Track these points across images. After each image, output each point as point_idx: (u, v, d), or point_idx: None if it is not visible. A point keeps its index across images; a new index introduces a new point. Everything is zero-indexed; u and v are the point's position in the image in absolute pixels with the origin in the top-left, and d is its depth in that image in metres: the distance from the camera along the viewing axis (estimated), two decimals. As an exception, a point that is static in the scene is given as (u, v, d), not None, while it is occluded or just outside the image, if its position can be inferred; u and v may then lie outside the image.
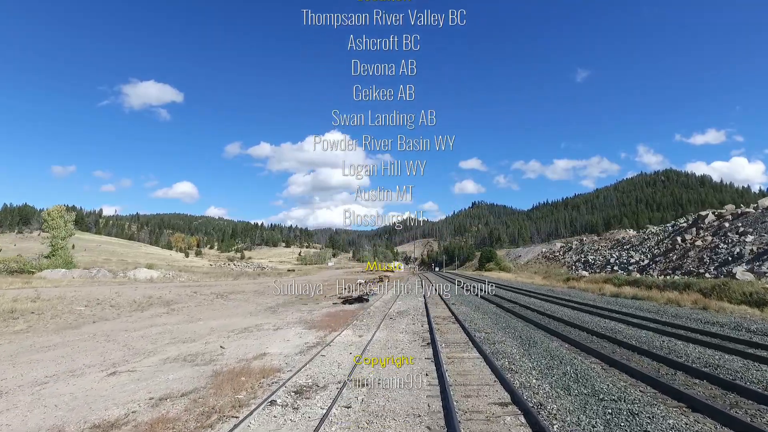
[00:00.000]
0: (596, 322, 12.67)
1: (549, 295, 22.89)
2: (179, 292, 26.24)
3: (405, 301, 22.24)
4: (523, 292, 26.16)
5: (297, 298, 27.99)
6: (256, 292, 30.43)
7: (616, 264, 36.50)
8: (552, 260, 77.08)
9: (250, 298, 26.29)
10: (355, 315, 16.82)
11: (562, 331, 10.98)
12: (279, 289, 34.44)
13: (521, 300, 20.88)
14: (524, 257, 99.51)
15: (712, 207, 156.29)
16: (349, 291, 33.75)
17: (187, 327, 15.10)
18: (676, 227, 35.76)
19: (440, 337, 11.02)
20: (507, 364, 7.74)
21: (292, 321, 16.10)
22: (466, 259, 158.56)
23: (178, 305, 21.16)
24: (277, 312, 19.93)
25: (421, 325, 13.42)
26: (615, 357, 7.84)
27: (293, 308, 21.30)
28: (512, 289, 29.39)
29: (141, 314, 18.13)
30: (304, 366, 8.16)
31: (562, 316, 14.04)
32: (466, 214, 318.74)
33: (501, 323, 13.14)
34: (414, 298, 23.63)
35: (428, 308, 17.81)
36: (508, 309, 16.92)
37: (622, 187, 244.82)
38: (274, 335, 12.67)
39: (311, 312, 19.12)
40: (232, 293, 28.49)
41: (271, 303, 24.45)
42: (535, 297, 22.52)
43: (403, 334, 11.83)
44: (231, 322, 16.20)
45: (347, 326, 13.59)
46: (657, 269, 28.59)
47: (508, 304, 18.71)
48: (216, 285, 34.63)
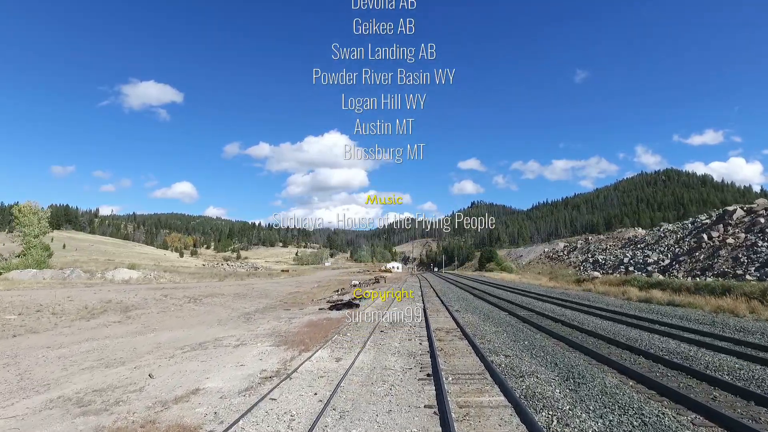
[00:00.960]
0: (648, 340, 9.79)
1: (566, 300, 20.04)
2: (148, 295, 23.33)
3: (401, 306, 19.37)
4: (533, 296, 23.32)
5: (281, 302, 25.11)
6: (236, 295, 27.53)
7: (631, 264, 33.73)
8: (556, 260, 74.31)
9: (227, 302, 23.39)
10: (340, 325, 13.94)
11: (610, 355, 8.11)
12: (264, 292, 31.53)
13: (535, 305, 18.02)
14: (526, 257, 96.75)
15: (714, 206, 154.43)
16: (340, 293, 30.89)
17: (128, 342, 12.20)
18: (698, 224, 32.94)
19: (445, 362, 8.15)
20: (557, 425, 4.84)
21: (262, 333, 13.22)
22: (465, 259, 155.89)
23: (138, 311, 18.24)
24: (251, 320, 17.04)
25: (419, 341, 10.55)
26: (735, 416, 4.93)
27: (272, 315, 18.42)
28: (520, 292, 26.54)
29: (85, 324, 15.22)
30: (236, 422, 5.26)
31: (596, 329, 11.19)
32: (465, 213, 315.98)
33: (521, 339, 10.27)
34: (411, 303, 20.76)
35: (428, 316, 14.94)
36: (524, 318, 14.05)
37: (622, 187, 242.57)
38: (229, 356, 9.79)
39: (291, 320, 16.24)
40: (210, 296, 25.60)
41: (250, 308, 21.57)
42: (550, 302, 19.66)
43: (396, 356, 8.95)
44: (188, 335, 13.31)
45: (326, 342, 10.71)
46: (681, 270, 25.81)
47: (523, 312, 15.86)
48: (196, 287, 31.72)
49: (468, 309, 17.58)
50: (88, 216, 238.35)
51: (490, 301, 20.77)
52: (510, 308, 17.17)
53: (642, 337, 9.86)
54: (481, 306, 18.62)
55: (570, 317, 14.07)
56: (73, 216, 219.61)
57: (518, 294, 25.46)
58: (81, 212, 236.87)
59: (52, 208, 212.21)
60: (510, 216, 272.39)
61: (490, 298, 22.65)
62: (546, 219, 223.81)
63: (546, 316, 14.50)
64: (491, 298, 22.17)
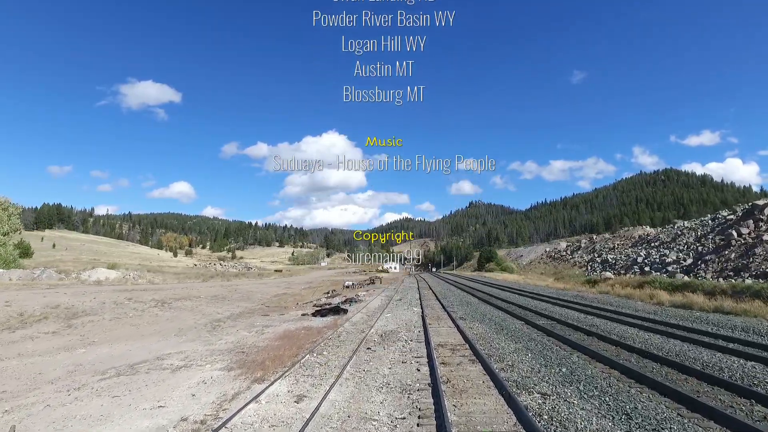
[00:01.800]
0: (742, 369, 7.13)
1: (585, 304, 17.39)
2: (110, 298, 20.57)
3: (396, 312, 16.68)
4: (545, 299, 20.67)
5: (261, 306, 22.40)
6: (214, 298, 24.79)
7: (646, 264, 31.18)
8: (558, 260, 71.77)
9: (200, 306, 20.66)
10: (319, 338, 11.27)
11: (707, 400, 5.43)
12: (247, 294, 28.80)
13: (553, 311, 15.38)
14: (526, 257, 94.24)
15: (714, 206, 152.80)
16: (330, 296, 28.21)
17: (42, 362, 9.49)
18: (720, 221, 30.42)
19: (456, 407, 5.47)
20: None
21: (221, 349, 10.54)
22: (464, 259, 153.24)
23: (86, 319, 15.50)
24: (217, 329, 14.33)
25: (416, 365, 7.87)
26: None
27: (245, 322, 15.71)
28: (529, 295, 23.90)
29: (7, 336, 12.48)
30: None
31: (649, 347, 8.57)
32: (464, 213, 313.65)
33: (554, 363, 7.61)
34: (408, 308, 18.08)
35: (427, 326, 12.26)
36: (545, 329, 11.40)
37: (621, 187, 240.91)
38: (157, 387, 7.11)
39: (263, 330, 13.55)
40: (183, 299, 22.84)
41: (223, 313, 18.86)
42: (568, 306, 17.01)
43: (383, 393, 6.26)
44: (126, 351, 10.60)
45: (292, 367, 8.01)
46: (709, 270, 23.24)
47: (541, 320, 13.20)
48: (172, 288, 28.96)
49: (474, 316, 14.90)
50: (83, 215, 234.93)
51: (498, 305, 18.10)
52: (524, 315, 14.51)
53: (732, 366, 7.16)
54: (489, 312, 15.95)
55: (604, 328, 11.41)
56: (66, 215, 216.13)
57: (527, 297, 22.81)
58: (76, 212, 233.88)
59: (45, 207, 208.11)
60: (508, 216, 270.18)
61: (497, 301, 19.99)
62: (545, 219, 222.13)
63: (572, 326, 11.84)
64: (498, 302, 19.50)
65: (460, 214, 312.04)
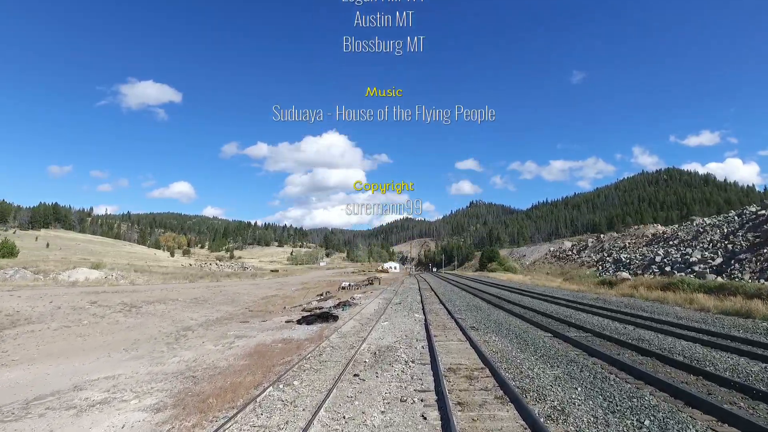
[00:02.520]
0: None
1: (615, 310, 14.94)
2: (68, 302, 18.12)
3: (395, 319, 14.23)
4: (564, 303, 18.20)
5: (245, 310, 19.99)
6: (195, 301, 22.37)
7: (667, 264, 28.71)
8: (564, 260, 69.29)
9: (173, 311, 18.23)
10: (295, 356, 8.83)
11: None
12: (233, 296, 26.38)
13: (582, 320, 12.93)
14: (529, 257, 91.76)
15: (718, 206, 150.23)
16: (323, 298, 25.79)
17: None
18: (748, 216, 27.96)
19: None
20: None
21: (167, 372, 8.12)
22: (465, 259, 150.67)
23: (26, 328, 13.07)
24: (179, 341, 11.92)
25: (420, 407, 5.41)
26: None
27: (216, 332, 13.29)
28: (543, 297, 21.45)
29: None
30: None
31: (761, 385, 6.10)
32: (464, 213, 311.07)
33: (626, 409, 5.19)
34: (408, 314, 15.63)
35: (432, 339, 9.81)
36: (587, 347, 8.99)
37: (623, 186, 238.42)
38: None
39: (233, 343, 11.13)
40: (157, 302, 20.42)
41: (197, 320, 16.44)
42: (597, 313, 14.55)
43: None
44: (39, 376, 8.17)
45: (244, 408, 5.56)
46: (746, 270, 20.80)
47: (573, 332, 10.76)
48: (151, 290, 26.52)
49: (488, 325, 12.45)
50: (80, 215, 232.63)
51: (513, 311, 15.65)
52: (547, 324, 12.08)
53: None
54: (505, 320, 13.50)
55: (659, 344, 8.97)
56: (62, 215, 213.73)
57: (543, 300, 20.35)
58: (75, 211, 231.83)
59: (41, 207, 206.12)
60: (509, 216, 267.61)
61: (510, 306, 17.54)
62: (546, 219, 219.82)
63: (615, 341, 9.40)
64: (512, 307, 17.06)
65: (461, 214, 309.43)
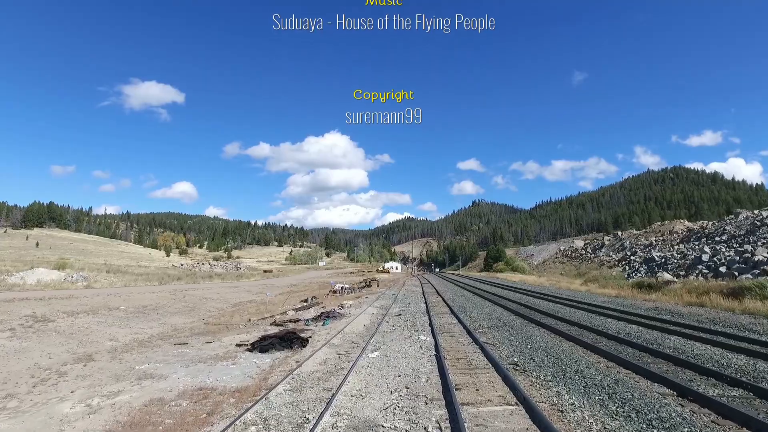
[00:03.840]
0: None
1: (723, 332, 10.28)
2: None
3: (390, 346, 9.59)
4: (620, 317, 13.54)
5: (198, 324, 15.42)
6: (142, 309, 17.79)
7: (720, 263, 24.07)
8: (577, 259, 64.56)
9: (96, 327, 13.66)
10: None
11: None
12: (198, 302, 21.80)
13: (699, 354, 8.31)
14: (538, 256, 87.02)
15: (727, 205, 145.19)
16: (307, 305, 21.20)
17: None
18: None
19: None
20: None
21: None
22: (468, 259, 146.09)
23: None
24: (39, 387, 7.34)
25: None
26: None
27: (118, 367, 8.71)
28: (583, 307, 16.81)
29: None
30: None
31: None
32: (467, 212, 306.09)
33: None
34: (410, 334, 11.00)
35: (458, 410, 5.15)
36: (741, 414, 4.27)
37: (628, 185, 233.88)
38: None
39: (117, 395, 6.53)
40: (88, 313, 15.86)
41: (118, 341, 11.88)
42: (700, 338, 9.90)
43: None
44: None
45: None
46: None
47: (712, 389, 6.08)
48: (98, 295, 21.98)
49: (538, 358, 7.84)
50: (78, 214, 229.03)
51: (559, 329, 11.01)
52: (640, 360, 7.46)
53: None
54: (555, 345, 8.88)
55: None
56: (57, 214, 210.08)
57: (586, 311, 15.70)
58: (73, 210, 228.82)
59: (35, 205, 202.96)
60: (512, 215, 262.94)
61: (551, 321, 12.94)
62: (550, 218, 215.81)
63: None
64: (554, 323, 12.44)
65: (463, 213, 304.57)
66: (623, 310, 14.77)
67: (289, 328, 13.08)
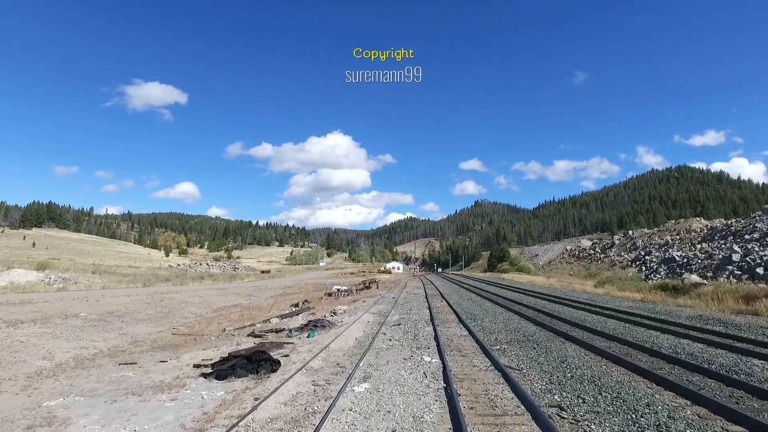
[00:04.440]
0: None
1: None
2: None
3: (384, 372, 7.36)
4: (655, 324, 11.29)
5: (168, 333, 13.23)
6: (106, 317, 15.63)
7: (756, 263, 21.77)
8: (585, 259, 62.18)
9: (38, 340, 11.48)
10: None
11: None
12: (176, 306, 19.61)
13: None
14: (543, 256, 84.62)
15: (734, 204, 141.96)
16: (296, 310, 19.00)
17: None
18: None
19: None
20: None
21: None
22: (471, 259, 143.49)
23: None
24: None
25: None
26: None
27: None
28: (613, 315, 14.55)
29: None
30: None
31: None
32: (469, 212, 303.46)
33: None
34: (412, 353, 8.76)
35: None
36: None
37: (632, 185, 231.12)
38: None
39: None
40: (39, 321, 13.72)
41: (53, 360, 9.72)
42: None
43: None
44: None
45: None
46: None
47: None
48: (64, 299, 19.83)
49: (593, 398, 5.60)
50: (78, 214, 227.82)
51: (598, 346, 8.79)
52: (745, 404, 5.21)
53: None
54: (608, 374, 6.66)
55: None
56: (57, 213, 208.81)
57: (621, 320, 13.42)
58: (74, 211, 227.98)
59: (34, 205, 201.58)
60: (515, 215, 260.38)
61: (584, 334, 10.70)
62: (554, 217, 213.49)
63: None
64: (589, 337, 10.21)
65: (466, 213, 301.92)
66: (661, 319, 12.49)
67: (266, 342, 10.89)
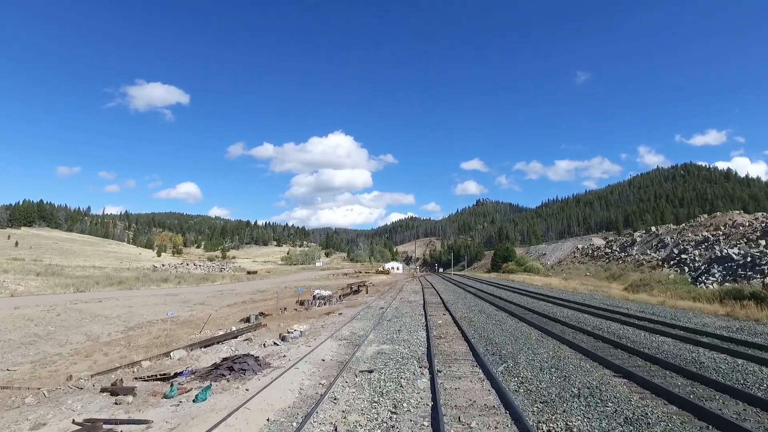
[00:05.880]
0: None
1: None
2: None
3: None
4: None
5: (30, 367, 7.83)
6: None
7: None
8: (600, 258, 56.79)
9: None
10: None
11: None
12: (68, 325, 14.27)
13: None
14: (551, 255, 79.21)
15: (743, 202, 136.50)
16: (248, 324, 13.62)
17: None
18: None
19: None
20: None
21: None
22: (473, 258, 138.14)
23: None
24: None
25: None
26: None
27: None
28: (698, 339, 9.21)
29: None
30: None
31: None
32: (471, 212, 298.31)
33: None
34: None
35: None
36: None
37: (637, 183, 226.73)
38: None
39: None
40: None
41: None
42: None
43: None
44: None
45: None
46: None
47: None
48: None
49: None
50: (73, 214, 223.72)
51: None
52: None
53: None
54: None
55: None
56: (48, 213, 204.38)
57: (731, 353, 8.08)
58: (69, 210, 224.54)
59: (24, 204, 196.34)
60: (518, 214, 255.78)
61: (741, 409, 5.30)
62: (557, 216, 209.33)
63: None
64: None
65: (467, 213, 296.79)
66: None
67: (98, 420, 5.55)
